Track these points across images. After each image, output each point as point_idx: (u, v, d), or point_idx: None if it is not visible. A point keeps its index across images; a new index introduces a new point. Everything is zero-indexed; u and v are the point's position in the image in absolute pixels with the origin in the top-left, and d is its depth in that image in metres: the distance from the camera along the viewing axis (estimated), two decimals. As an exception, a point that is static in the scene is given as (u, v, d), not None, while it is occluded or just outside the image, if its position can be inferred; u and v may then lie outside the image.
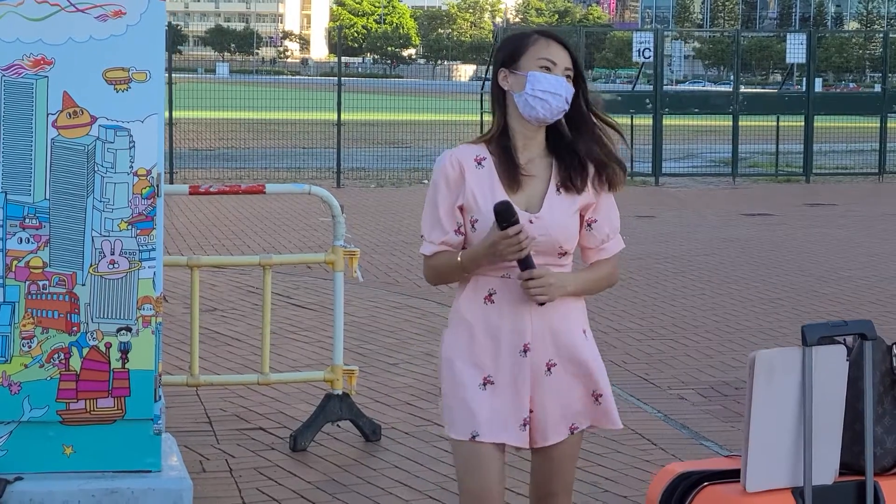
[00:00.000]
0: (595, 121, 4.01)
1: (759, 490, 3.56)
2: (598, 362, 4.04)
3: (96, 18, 5.42)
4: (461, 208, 3.96)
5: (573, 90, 3.96)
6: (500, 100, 4.01)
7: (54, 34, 5.39)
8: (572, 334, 3.98)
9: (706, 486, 3.67)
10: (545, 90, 3.90)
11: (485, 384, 3.93)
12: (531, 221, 3.89)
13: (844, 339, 3.68)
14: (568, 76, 3.95)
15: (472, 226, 3.95)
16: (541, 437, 3.99)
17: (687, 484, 3.68)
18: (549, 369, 3.95)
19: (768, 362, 3.52)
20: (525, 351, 3.92)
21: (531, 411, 3.96)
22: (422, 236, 4.03)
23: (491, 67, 4.12)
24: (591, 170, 3.98)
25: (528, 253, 3.84)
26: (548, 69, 3.92)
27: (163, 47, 5.57)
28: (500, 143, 3.98)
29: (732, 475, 3.65)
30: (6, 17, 5.36)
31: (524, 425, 3.95)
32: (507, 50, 4.02)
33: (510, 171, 3.94)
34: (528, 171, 3.95)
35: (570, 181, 3.95)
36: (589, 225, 4.02)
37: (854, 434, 3.71)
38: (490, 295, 3.93)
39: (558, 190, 3.96)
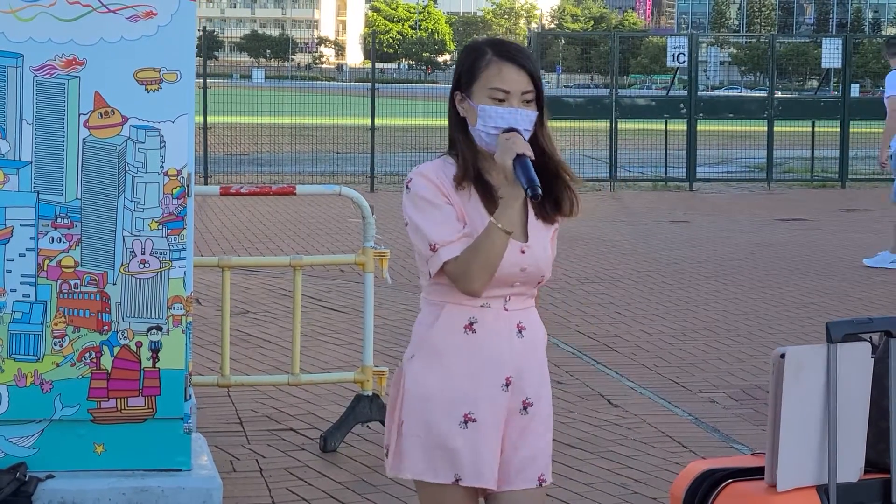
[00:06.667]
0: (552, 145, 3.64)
1: (789, 488, 3.56)
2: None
3: (127, 19, 5.47)
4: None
5: (534, 114, 3.57)
6: (459, 125, 3.63)
7: (86, 35, 5.44)
8: (543, 369, 3.70)
9: (730, 483, 3.67)
10: (497, 126, 3.52)
11: (465, 422, 3.57)
12: (522, 252, 3.58)
13: (870, 337, 3.67)
14: (527, 101, 3.56)
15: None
16: (504, 481, 3.60)
17: (711, 481, 3.68)
18: (525, 408, 3.63)
19: (797, 359, 3.52)
20: (507, 385, 3.60)
21: (501, 451, 3.62)
22: (432, 248, 3.57)
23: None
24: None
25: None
26: (500, 100, 3.53)
27: (193, 48, 5.60)
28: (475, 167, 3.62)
29: (756, 472, 3.65)
30: (38, 17, 5.41)
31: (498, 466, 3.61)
32: (460, 69, 3.63)
33: (486, 192, 3.60)
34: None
35: (546, 209, 3.64)
36: None
37: (879, 431, 3.70)
38: (471, 324, 3.58)
39: (536, 217, 3.64)
